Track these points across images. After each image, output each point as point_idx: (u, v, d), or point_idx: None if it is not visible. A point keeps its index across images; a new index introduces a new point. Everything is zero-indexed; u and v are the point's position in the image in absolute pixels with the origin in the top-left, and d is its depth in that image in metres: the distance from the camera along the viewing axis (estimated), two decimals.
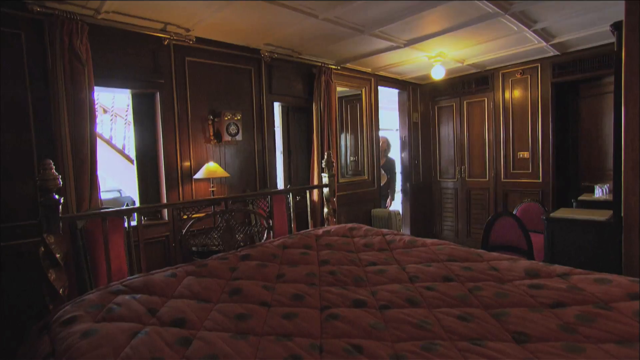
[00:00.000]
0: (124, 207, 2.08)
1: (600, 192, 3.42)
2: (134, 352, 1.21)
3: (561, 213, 3.01)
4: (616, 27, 2.33)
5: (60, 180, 1.73)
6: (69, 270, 2.33)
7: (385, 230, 2.47)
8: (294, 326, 1.37)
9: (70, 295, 1.74)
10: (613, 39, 2.44)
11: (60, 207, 1.76)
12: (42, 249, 1.64)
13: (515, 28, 3.48)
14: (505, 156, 5.03)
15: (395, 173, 5.60)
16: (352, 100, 5.16)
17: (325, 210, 3.00)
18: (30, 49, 2.47)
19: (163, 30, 3.11)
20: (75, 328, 1.32)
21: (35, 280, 1.78)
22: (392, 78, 5.27)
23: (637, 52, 2.06)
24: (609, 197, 3.16)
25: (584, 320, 1.31)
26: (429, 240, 2.23)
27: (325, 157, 2.99)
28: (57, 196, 1.71)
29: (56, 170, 1.74)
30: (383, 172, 5.33)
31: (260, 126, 3.85)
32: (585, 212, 2.95)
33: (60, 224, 1.75)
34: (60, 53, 2.44)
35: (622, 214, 2.19)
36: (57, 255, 1.66)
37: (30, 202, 2.47)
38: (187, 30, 3.17)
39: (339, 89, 4.57)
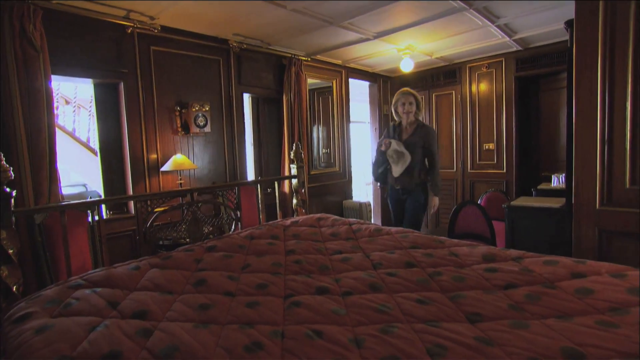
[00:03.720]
0: (82, 200, 2.01)
1: (556, 181, 3.61)
2: (92, 346, 1.19)
3: (520, 201, 3.17)
4: (569, 25, 2.45)
5: (11, 172, 1.65)
6: (26, 268, 2.24)
7: (352, 220, 2.52)
8: (257, 314, 1.38)
9: (26, 293, 1.68)
10: (568, 37, 2.57)
11: (13, 200, 1.68)
12: None
13: (480, 23, 3.59)
14: (472, 148, 5.20)
15: (433, 151, 3.12)
16: (323, 92, 5.18)
17: (295, 201, 3.01)
18: None
19: (126, 18, 3.00)
20: (28, 325, 1.28)
21: None
22: (363, 70, 5.32)
23: (587, 49, 2.18)
24: (564, 186, 3.35)
25: (531, 299, 1.40)
26: (393, 229, 2.29)
27: (294, 148, 2.99)
28: (8, 189, 1.63)
29: (11, 164, 1.66)
30: (404, 149, 3.03)
31: (230, 117, 3.81)
32: (541, 200, 3.11)
33: (13, 219, 1.67)
34: (11, 38, 2.31)
35: (572, 201, 2.33)
36: (10, 251, 1.59)
37: None
38: (152, 18, 3.08)
39: (309, 80, 4.57)
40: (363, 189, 7.92)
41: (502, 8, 3.30)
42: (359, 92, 5.97)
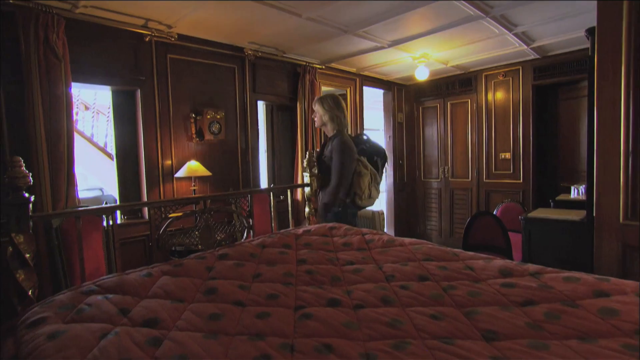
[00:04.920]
0: (97, 206, 2.04)
1: (576, 193, 3.50)
2: (102, 354, 1.19)
3: (538, 213, 3.08)
4: (590, 32, 2.39)
5: (30, 177, 1.68)
6: (42, 272, 2.28)
7: (365, 230, 2.48)
8: (266, 326, 1.36)
9: (41, 297, 1.70)
10: (589, 44, 2.50)
11: (31, 205, 1.72)
12: (10, 249, 1.59)
13: (497, 31, 3.54)
14: (488, 157, 5.11)
15: (343, 173, 2.62)
16: None
17: (307, 209, 3.00)
18: (2, 42, 2.40)
19: (144, 27, 3.06)
20: (41, 330, 1.29)
21: None
22: (377, 78, 5.30)
23: (608, 57, 2.12)
24: (584, 198, 3.24)
25: (551, 318, 1.34)
26: (407, 240, 2.25)
27: (307, 156, 2.98)
28: (27, 194, 1.66)
29: (31, 168, 1.70)
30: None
31: (244, 125, 3.83)
32: (560, 212, 3.02)
33: (31, 223, 1.70)
34: (35, 47, 2.38)
35: (594, 214, 2.25)
36: (27, 255, 1.62)
37: None
38: (169, 27, 3.14)
39: (324, 88, 4.58)
40: None
41: (519, 16, 3.25)
42: (374, 100, 5.96)
